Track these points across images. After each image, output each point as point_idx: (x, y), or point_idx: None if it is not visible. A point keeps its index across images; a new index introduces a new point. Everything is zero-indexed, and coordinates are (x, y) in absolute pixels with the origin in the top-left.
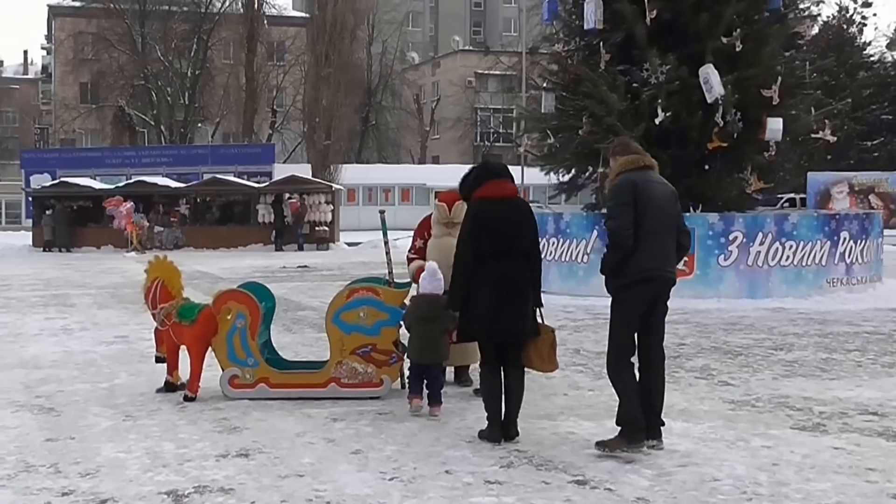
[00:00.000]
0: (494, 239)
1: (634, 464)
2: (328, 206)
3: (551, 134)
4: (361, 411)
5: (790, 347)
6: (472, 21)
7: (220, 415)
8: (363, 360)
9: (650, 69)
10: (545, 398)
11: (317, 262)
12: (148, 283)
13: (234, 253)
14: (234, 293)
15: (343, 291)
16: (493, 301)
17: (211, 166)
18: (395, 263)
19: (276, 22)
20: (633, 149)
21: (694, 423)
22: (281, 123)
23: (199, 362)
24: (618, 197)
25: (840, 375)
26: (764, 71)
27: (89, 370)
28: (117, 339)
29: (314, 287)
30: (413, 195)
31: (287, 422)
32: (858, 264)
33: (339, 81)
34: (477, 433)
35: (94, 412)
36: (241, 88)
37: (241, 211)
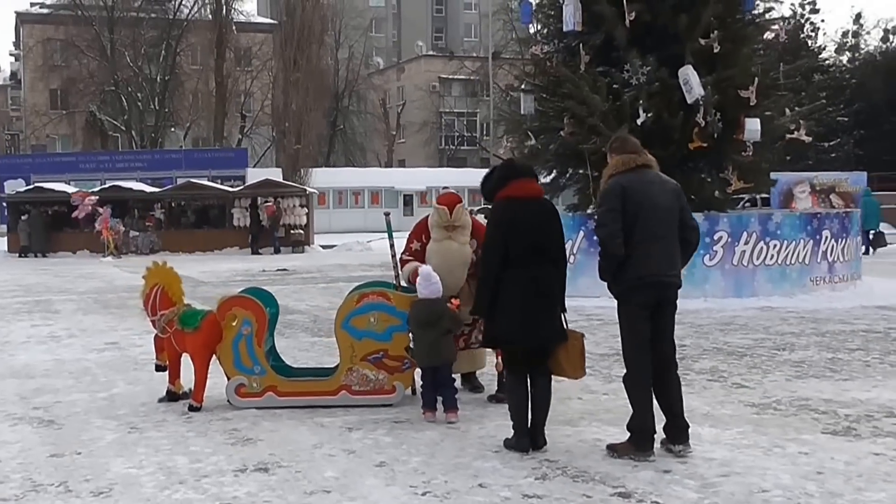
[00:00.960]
0: (521, 241)
1: (673, 473)
2: (303, 209)
3: (532, 135)
4: (376, 420)
5: (792, 347)
6: (434, 27)
7: (230, 425)
8: (375, 367)
9: (631, 70)
10: (560, 402)
11: (295, 264)
12: (147, 289)
13: (210, 256)
14: (240, 299)
15: (353, 296)
16: (521, 306)
17: (185, 170)
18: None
19: (243, 28)
20: (629, 147)
21: (721, 428)
22: (250, 128)
23: (204, 371)
24: (606, 203)
25: (852, 376)
26: (741, 72)
27: (84, 379)
28: (108, 346)
29: (298, 290)
30: (382, 198)
31: (300, 432)
32: (840, 262)
33: (308, 86)
34: (503, 442)
35: (97, 424)
36: (210, 94)
37: (216, 215)
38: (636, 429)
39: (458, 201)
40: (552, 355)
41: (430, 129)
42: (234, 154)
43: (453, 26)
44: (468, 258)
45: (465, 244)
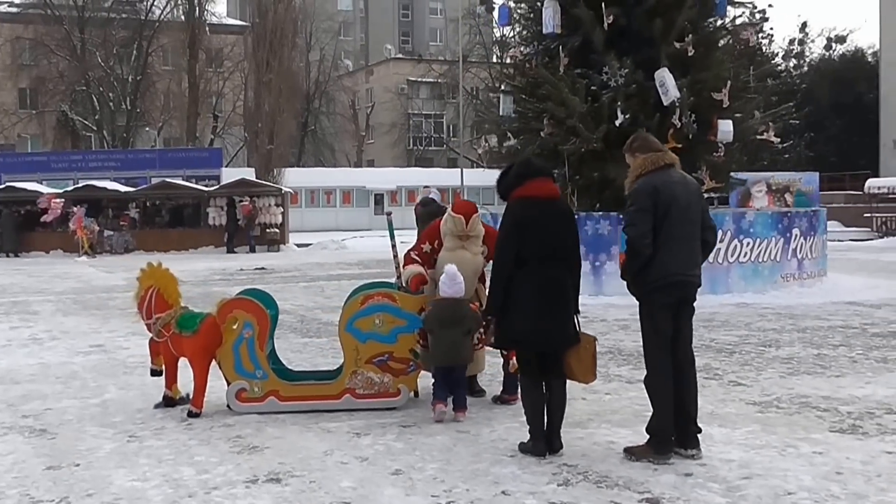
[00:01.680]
0: (536, 241)
1: (695, 476)
2: (278, 208)
3: (512, 136)
4: (383, 424)
5: (777, 343)
6: (401, 31)
7: (233, 432)
8: (379, 370)
9: (609, 72)
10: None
11: (272, 263)
12: (141, 291)
13: (186, 255)
14: (240, 301)
15: (357, 297)
16: (535, 308)
17: (159, 170)
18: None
19: (216, 30)
20: (653, 146)
21: (730, 427)
22: (222, 128)
23: (204, 375)
24: (637, 202)
25: (843, 372)
26: (714, 75)
27: (73, 384)
28: (94, 349)
29: (280, 289)
30: (353, 197)
31: (307, 438)
32: (808, 259)
33: (280, 87)
34: (518, 446)
35: (92, 433)
36: (182, 94)
37: (191, 214)
38: (657, 431)
39: (475, 211)
40: (564, 358)
41: (398, 130)
42: (208, 154)
43: (419, 30)
44: (480, 267)
45: (478, 254)
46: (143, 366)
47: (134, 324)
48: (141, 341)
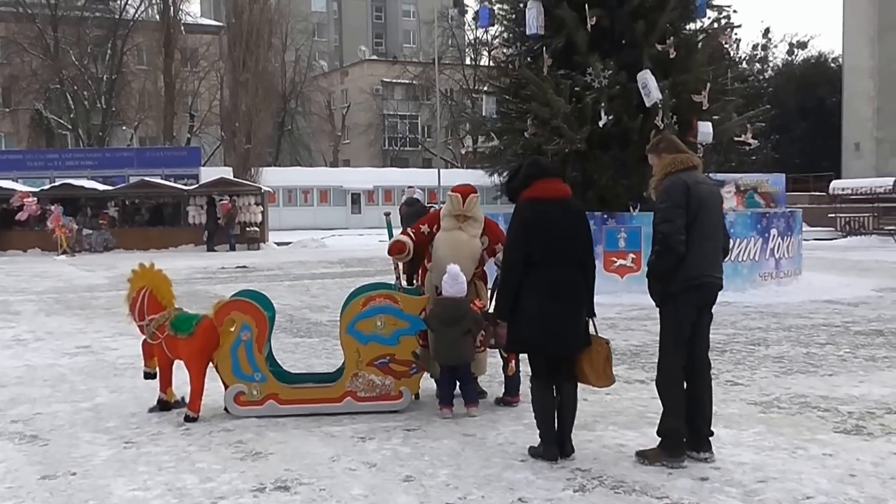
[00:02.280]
0: (546, 244)
1: (711, 480)
2: (258, 207)
3: (495, 136)
4: (387, 428)
5: (765, 342)
6: (374, 33)
7: (234, 437)
8: (381, 372)
9: (593, 74)
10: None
11: (254, 262)
12: (133, 292)
13: (165, 254)
14: (238, 303)
15: (358, 299)
16: (544, 311)
17: (137, 169)
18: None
19: (191, 30)
20: (680, 147)
21: (736, 428)
22: (198, 128)
23: (201, 379)
24: (671, 198)
25: (835, 371)
26: (694, 77)
27: (62, 387)
28: (80, 350)
29: (264, 288)
30: (331, 196)
31: (311, 443)
32: (786, 259)
33: (257, 87)
34: (528, 451)
35: (86, 439)
36: (158, 93)
37: (170, 213)
38: (669, 433)
39: (473, 191)
40: (576, 362)
41: (374, 130)
42: (186, 153)
43: (392, 32)
44: (477, 252)
45: (475, 237)
46: (134, 368)
47: (119, 324)
48: (129, 342)
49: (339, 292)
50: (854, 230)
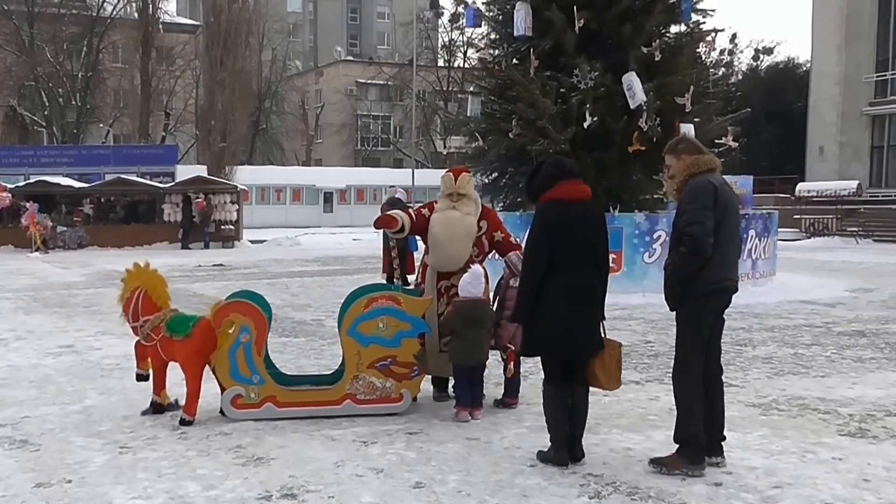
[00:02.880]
0: (568, 245)
1: (725, 486)
2: (233, 205)
3: (480, 136)
4: (389, 431)
5: (751, 343)
6: (349, 34)
7: (232, 441)
8: (382, 374)
9: (580, 75)
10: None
11: (230, 259)
12: (126, 293)
13: (140, 251)
14: (237, 304)
15: (360, 300)
16: (566, 314)
17: (113, 166)
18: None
19: (168, 28)
20: (701, 147)
21: (740, 431)
22: (174, 126)
23: (197, 381)
24: (699, 200)
25: (826, 373)
26: (679, 80)
27: (48, 388)
28: (64, 350)
29: (244, 286)
30: (304, 195)
31: (313, 448)
32: (762, 260)
33: (234, 86)
34: (537, 455)
35: (79, 444)
36: (133, 91)
37: (146, 210)
38: (690, 440)
39: (465, 171)
40: (588, 365)
41: (348, 130)
42: (163, 151)
43: (367, 34)
44: (472, 229)
45: (469, 214)
46: (121, 368)
47: (101, 322)
48: (112, 341)
49: (320, 291)
50: (818, 231)
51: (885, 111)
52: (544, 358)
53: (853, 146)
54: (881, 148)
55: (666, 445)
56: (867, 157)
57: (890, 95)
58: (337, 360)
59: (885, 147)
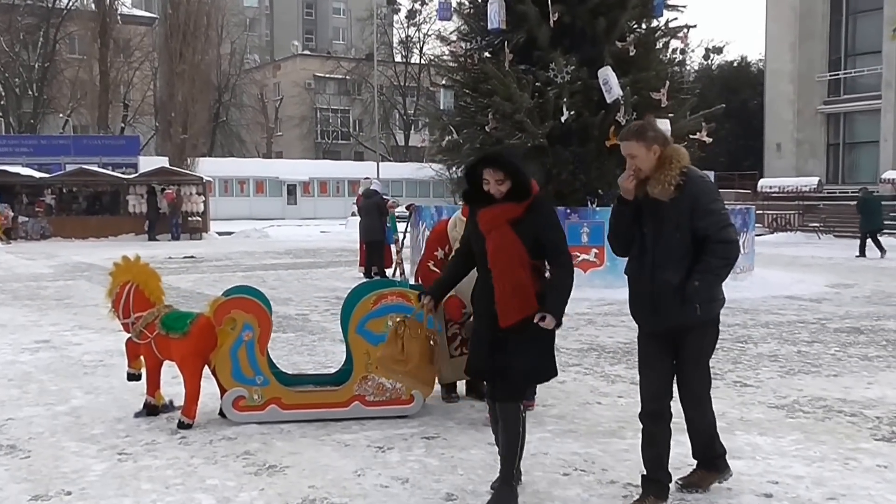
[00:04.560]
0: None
1: (777, 498)
2: (200, 196)
3: (454, 130)
4: (404, 436)
5: (751, 339)
6: (305, 28)
7: (238, 447)
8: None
9: (556, 69)
10: (583, 409)
11: (200, 252)
12: (116, 287)
13: (106, 243)
14: (240, 300)
15: (369, 297)
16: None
17: (74, 157)
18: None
19: (126, 20)
20: (667, 137)
21: (772, 436)
22: (132, 117)
23: (196, 382)
24: (719, 198)
25: (837, 372)
26: (654, 75)
27: (30, 388)
28: (41, 345)
29: (218, 279)
30: (267, 187)
31: (326, 454)
32: (741, 254)
33: (194, 78)
34: (572, 464)
35: (73, 449)
36: (92, 82)
37: (109, 201)
38: (719, 453)
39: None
40: None
41: (307, 123)
42: (125, 142)
43: (323, 28)
44: None
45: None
46: (104, 365)
47: (77, 316)
48: (91, 336)
49: (298, 284)
50: (781, 227)
51: (838, 109)
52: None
53: (810, 143)
54: (836, 145)
55: (688, 460)
56: (823, 154)
57: (843, 94)
58: (331, 357)
59: (840, 144)
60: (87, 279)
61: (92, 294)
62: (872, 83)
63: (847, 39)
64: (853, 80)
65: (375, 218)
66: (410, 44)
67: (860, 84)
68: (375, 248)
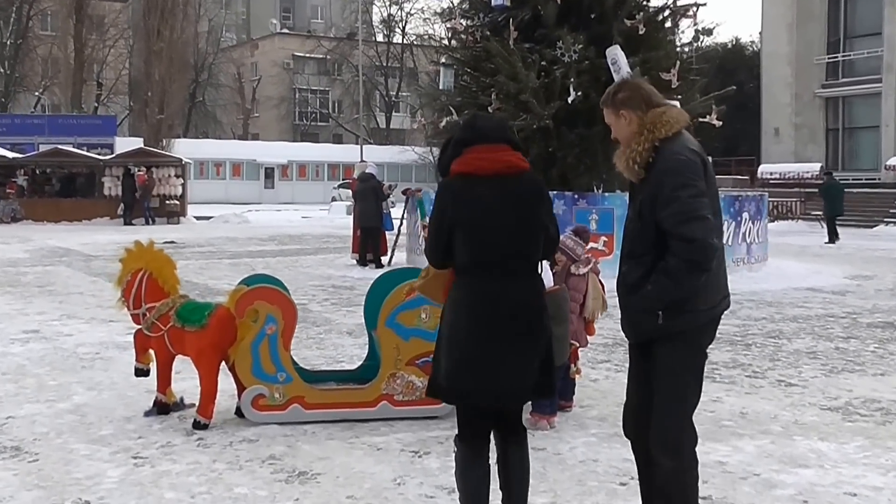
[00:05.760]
0: (472, 241)
1: None
2: (178, 179)
3: (454, 111)
4: (438, 439)
5: (783, 335)
6: (282, 6)
7: (262, 450)
8: (423, 372)
9: (563, 47)
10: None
11: (180, 237)
12: (126, 275)
13: (80, 227)
14: (264, 290)
15: (401, 287)
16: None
17: (48, 137)
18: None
19: None
20: (657, 96)
21: (834, 441)
22: (106, 97)
23: (213, 378)
24: (689, 180)
25: (884, 370)
26: (664, 54)
27: (26, 382)
28: (30, 336)
29: (205, 266)
30: (244, 170)
31: (359, 459)
32: (756, 244)
33: (171, 56)
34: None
35: (83, 452)
36: (66, 60)
37: (84, 183)
38: None
39: None
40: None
41: (285, 104)
42: (101, 121)
43: (300, 7)
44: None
45: None
46: (102, 358)
47: (63, 304)
48: (81, 326)
49: (289, 272)
50: (782, 215)
51: (837, 93)
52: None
53: (808, 128)
54: (836, 130)
55: (761, 458)
56: (823, 140)
57: (842, 77)
58: (341, 351)
59: (839, 129)
60: (66, 265)
61: (74, 281)
62: (872, 66)
63: (846, 21)
64: (852, 62)
65: (372, 203)
66: (393, 23)
67: (860, 67)
68: (371, 235)
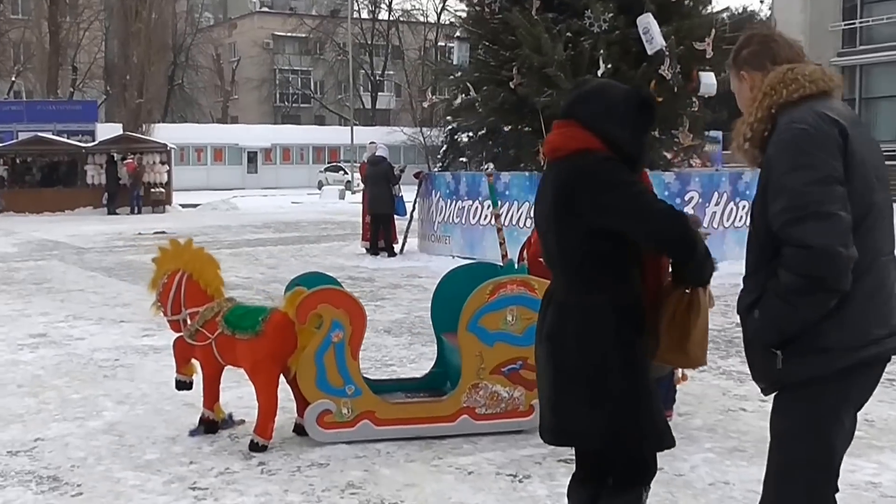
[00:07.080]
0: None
1: None
2: (164, 166)
3: (472, 87)
4: (534, 458)
5: None
6: None
7: (335, 476)
8: (509, 381)
9: (593, 17)
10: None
11: (169, 226)
12: (163, 277)
13: (63, 217)
14: (328, 292)
15: (485, 286)
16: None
17: (27, 124)
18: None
19: None
20: (793, 51)
21: None
22: (81, 81)
23: (272, 392)
24: (808, 162)
25: None
26: (698, 23)
27: (47, 396)
28: (39, 341)
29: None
30: (226, 155)
31: (450, 484)
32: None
33: (150, 38)
34: None
35: (132, 482)
36: (40, 44)
37: (66, 172)
38: None
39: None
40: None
41: (267, 86)
42: (81, 107)
43: None
44: None
45: None
46: (123, 366)
47: (64, 303)
48: (93, 328)
49: (296, 262)
50: None
51: (854, 61)
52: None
53: None
54: (853, 101)
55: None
56: None
57: (859, 45)
58: (385, 353)
59: (857, 99)
60: (59, 259)
61: (71, 276)
62: (891, 32)
63: None
64: (870, 29)
65: (384, 188)
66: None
67: (877, 34)
68: (383, 222)
